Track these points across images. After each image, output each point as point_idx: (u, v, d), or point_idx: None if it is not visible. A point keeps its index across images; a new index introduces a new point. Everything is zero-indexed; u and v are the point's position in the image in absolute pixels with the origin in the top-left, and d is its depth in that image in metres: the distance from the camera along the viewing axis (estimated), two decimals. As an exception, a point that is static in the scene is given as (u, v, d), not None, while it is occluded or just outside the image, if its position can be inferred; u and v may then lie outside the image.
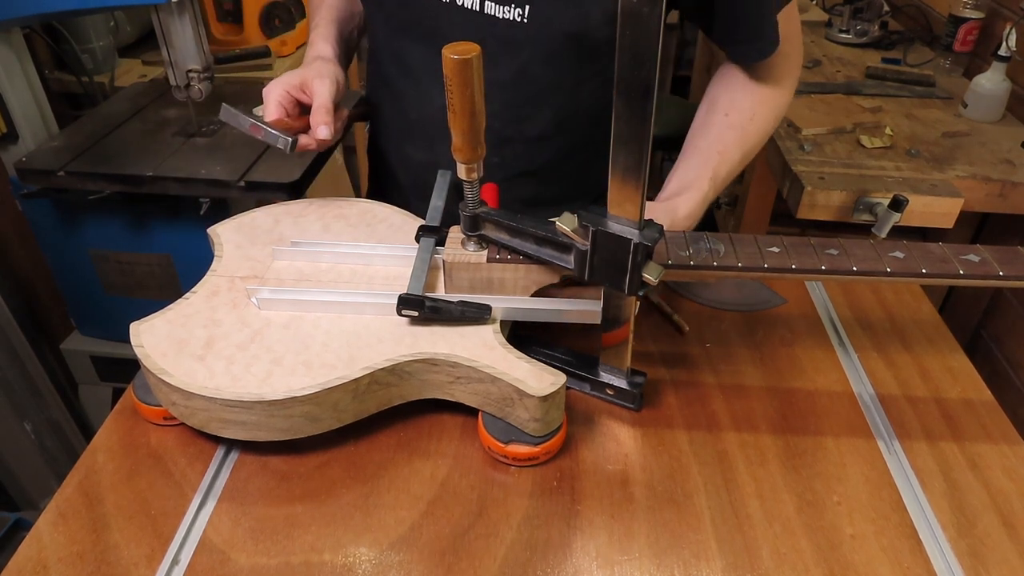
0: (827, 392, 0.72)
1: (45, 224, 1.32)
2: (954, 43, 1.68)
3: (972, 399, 0.72)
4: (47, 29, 1.50)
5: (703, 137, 0.80)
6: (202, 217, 1.19)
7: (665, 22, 0.50)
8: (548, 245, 0.63)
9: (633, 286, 0.59)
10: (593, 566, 0.56)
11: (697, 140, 0.80)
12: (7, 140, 1.23)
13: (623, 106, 0.51)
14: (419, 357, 0.62)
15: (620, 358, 0.67)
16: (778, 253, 0.63)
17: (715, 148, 0.78)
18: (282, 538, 0.57)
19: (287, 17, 1.84)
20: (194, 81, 1.18)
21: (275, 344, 0.63)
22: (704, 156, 0.78)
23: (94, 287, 1.38)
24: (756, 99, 0.81)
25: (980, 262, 0.61)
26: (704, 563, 0.56)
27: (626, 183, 0.55)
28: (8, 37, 1.18)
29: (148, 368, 0.61)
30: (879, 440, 0.67)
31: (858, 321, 0.82)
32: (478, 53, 0.54)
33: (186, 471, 0.63)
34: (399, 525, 0.58)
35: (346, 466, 0.63)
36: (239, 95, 1.45)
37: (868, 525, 0.59)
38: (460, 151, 0.59)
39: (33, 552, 0.56)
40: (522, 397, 0.60)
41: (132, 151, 1.24)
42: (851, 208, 1.25)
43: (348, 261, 0.73)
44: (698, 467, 0.64)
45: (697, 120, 0.83)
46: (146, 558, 0.56)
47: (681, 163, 0.79)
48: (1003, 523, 0.60)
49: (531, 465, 0.63)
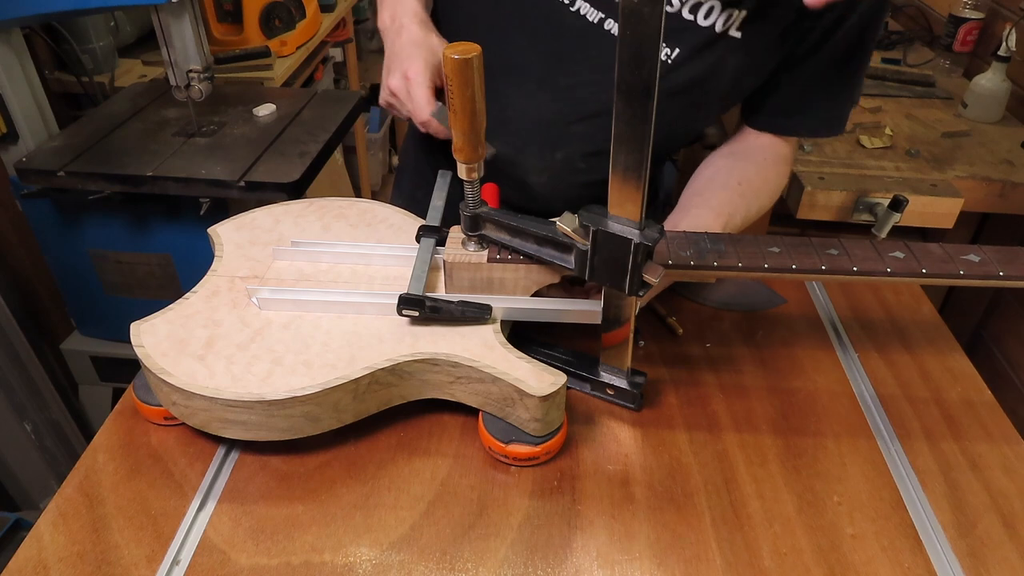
0: (827, 392, 0.72)
1: (45, 224, 1.32)
2: (954, 43, 1.68)
3: (972, 399, 0.72)
4: (47, 29, 1.50)
5: (713, 196, 0.80)
6: (202, 217, 1.19)
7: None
8: (549, 245, 0.63)
9: (634, 286, 0.59)
10: (593, 566, 0.56)
11: (707, 196, 0.80)
12: (7, 140, 1.23)
13: (623, 106, 0.51)
14: (419, 357, 0.62)
15: (620, 358, 0.67)
16: (778, 253, 0.63)
17: (726, 210, 0.78)
18: (282, 538, 0.57)
19: (287, 17, 1.84)
20: (194, 81, 1.18)
21: (275, 344, 0.63)
22: (715, 213, 0.78)
23: (94, 287, 1.38)
24: (771, 177, 0.84)
25: (980, 262, 0.61)
26: (704, 563, 0.56)
27: (626, 183, 0.55)
28: (8, 37, 1.18)
29: (149, 368, 0.61)
30: (879, 440, 0.67)
31: (858, 321, 0.82)
32: (478, 53, 0.54)
33: (186, 471, 0.63)
34: (399, 525, 0.58)
35: (346, 466, 0.63)
36: (239, 95, 1.45)
37: (868, 525, 0.59)
38: (461, 151, 0.59)
39: (33, 552, 0.56)
40: (522, 397, 0.60)
41: (132, 151, 1.24)
42: (851, 208, 1.25)
43: (348, 261, 0.73)
44: (698, 467, 0.64)
45: (703, 178, 0.83)
46: (146, 558, 0.56)
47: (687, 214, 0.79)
48: (1003, 523, 0.60)
49: (531, 465, 0.63)
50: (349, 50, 2.40)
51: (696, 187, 0.82)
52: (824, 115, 0.84)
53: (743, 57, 0.75)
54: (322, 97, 1.46)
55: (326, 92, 1.51)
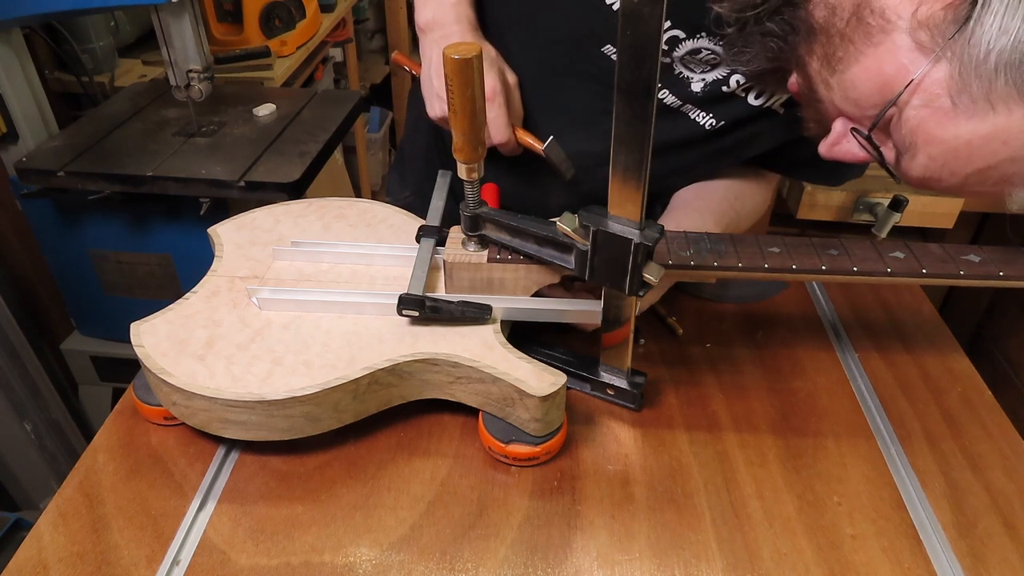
0: (827, 392, 0.72)
1: (45, 224, 1.32)
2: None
3: (972, 399, 0.72)
4: (47, 29, 1.50)
5: (707, 203, 0.81)
6: (202, 217, 1.19)
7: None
8: (549, 245, 0.63)
9: (634, 286, 0.59)
10: (593, 566, 0.56)
11: (700, 203, 0.81)
12: (7, 140, 1.23)
13: (623, 106, 0.51)
14: (419, 357, 0.62)
15: (620, 358, 0.67)
16: (778, 253, 0.63)
17: (722, 223, 0.79)
18: (282, 538, 0.57)
19: (287, 17, 1.83)
20: (194, 81, 1.18)
21: (275, 344, 0.63)
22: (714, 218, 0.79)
23: (94, 287, 1.38)
24: (763, 199, 0.87)
25: (980, 262, 0.61)
26: (704, 563, 0.56)
27: (626, 183, 0.55)
28: (8, 37, 1.18)
29: (149, 368, 0.61)
30: (879, 440, 0.67)
31: (858, 321, 0.82)
32: (478, 53, 0.54)
33: (186, 471, 0.63)
34: (399, 525, 0.58)
35: (346, 466, 0.63)
36: (239, 95, 1.45)
37: (868, 525, 0.59)
38: (461, 151, 0.59)
39: (33, 552, 0.56)
40: (523, 397, 0.60)
41: (132, 151, 1.24)
42: (851, 208, 1.25)
43: (348, 261, 0.73)
44: (698, 467, 0.64)
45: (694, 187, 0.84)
46: (146, 558, 0.56)
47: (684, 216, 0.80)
48: (1003, 523, 0.60)
49: (531, 465, 0.63)
50: (349, 50, 2.40)
51: (685, 197, 0.83)
52: (831, 171, 0.82)
53: (784, 130, 0.75)
54: (322, 97, 1.46)
55: (326, 92, 1.51)
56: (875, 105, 0.57)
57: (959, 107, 0.52)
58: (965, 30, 0.50)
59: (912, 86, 0.53)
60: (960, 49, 0.51)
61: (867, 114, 0.58)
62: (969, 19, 0.50)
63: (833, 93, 0.60)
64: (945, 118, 0.53)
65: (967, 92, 0.51)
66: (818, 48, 0.60)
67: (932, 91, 0.53)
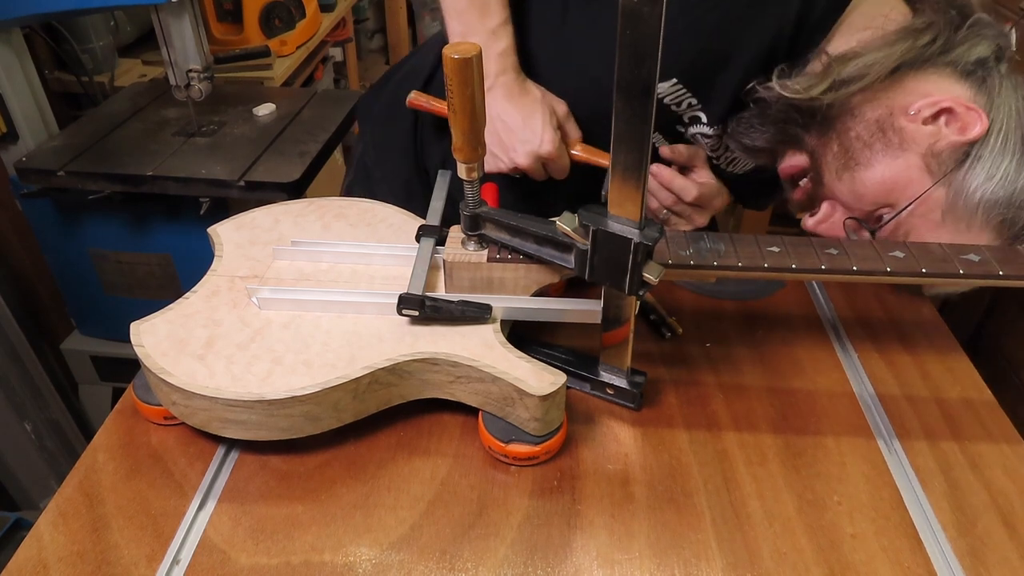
0: (827, 392, 0.72)
1: (45, 224, 1.33)
2: (954, 43, 1.68)
3: (972, 399, 0.72)
4: (47, 29, 1.50)
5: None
6: (202, 217, 1.19)
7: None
8: (548, 245, 0.63)
9: (634, 286, 0.59)
10: (593, 566, 0.56)
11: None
12: (7, 140, 1.23)
13: (623, 106, 0.51)
14: (419, 356, 0.62)
15: (620, 358, 0.67)
16: (778, 253, 0.63)
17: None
18: (282, 538, 0.57)
19: (287, 17, 1.84)
20: (194, 81, 1.18)
21: (275, 344, 0.63)
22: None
23: (94, 287, 1.38)
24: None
25: (980, 262, 0.61)
26: (704, 563, 0.56)
27: (626, 183, 0.55)
28: (8, 37, 1.18)
29: (148, 368, 0.61)
30: (879, 440, 0.67)
31: (858, 321, 0.82)
32: (478, 53, 0.54)
33: (186, 471, 0.63)
34: (399, 525, 0.58)
35: (346, 466, 0.63)
36: (239, 95, 1.45)
37: (868, 525, 0.59)
38: (460, 151, 0.59)
39: (33, 552, 0.56)
40: (522, 396, 0.60)
41: (132, 151, 1.24)
42: (851, 208, 1.25)
43: (348, 261, 0.73)
44: (698, 467, 0.64)
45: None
46: (146, 558, 0.56)
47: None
48: (1003, 523, 0.60)
49: (531, 465, 0.63)
50: (349, 50, 2.40)
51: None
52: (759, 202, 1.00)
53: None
54: (322, 97, 1.46)
55: (326, 92, 1.51)
56: (875, 203, 0.71)
57: (946, 222, 0.68)
58: (963, 167, 0.66)
59: (918, 200, 0.68)
60: (957, 181, 0.67)
61: (863, 207, 0.72)
62: (967, 158, 0.66)
63: (840, 184, 0.72)
64: (933, 227, 0.69)
65: (953, 213, 0.67)
66: (835, 144, 0.72)
67: (930, 206, 0.68)
